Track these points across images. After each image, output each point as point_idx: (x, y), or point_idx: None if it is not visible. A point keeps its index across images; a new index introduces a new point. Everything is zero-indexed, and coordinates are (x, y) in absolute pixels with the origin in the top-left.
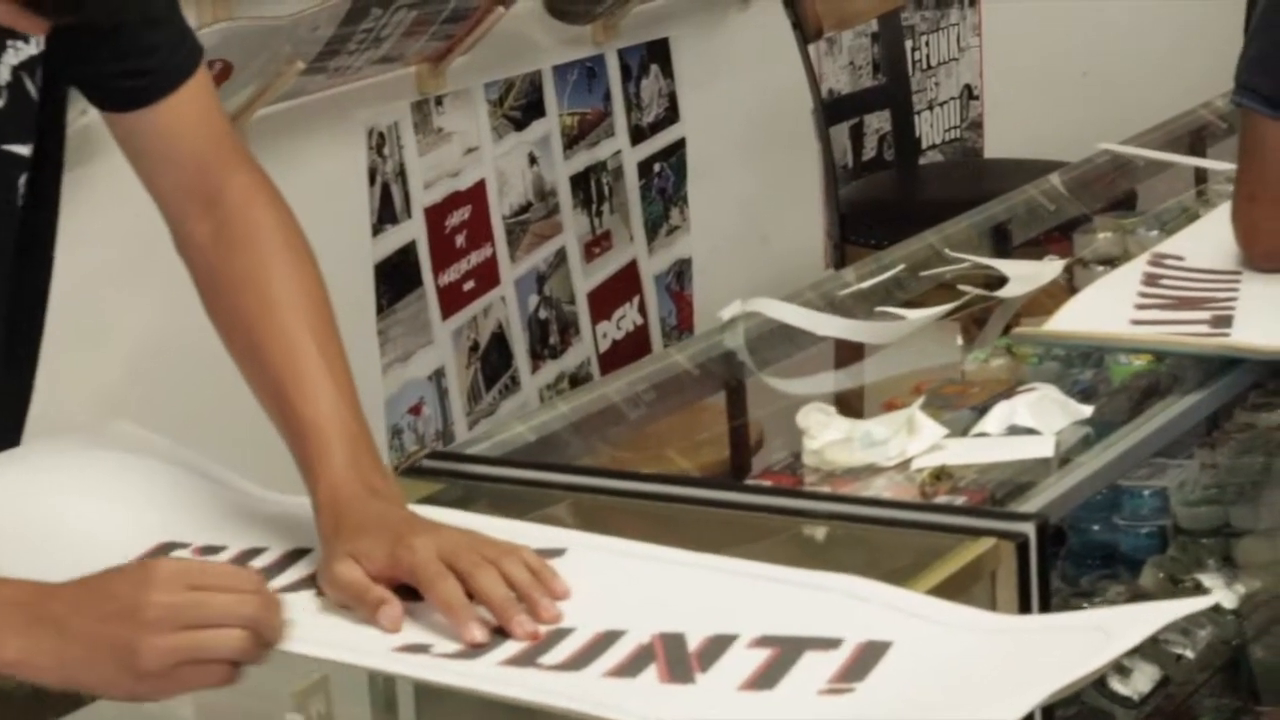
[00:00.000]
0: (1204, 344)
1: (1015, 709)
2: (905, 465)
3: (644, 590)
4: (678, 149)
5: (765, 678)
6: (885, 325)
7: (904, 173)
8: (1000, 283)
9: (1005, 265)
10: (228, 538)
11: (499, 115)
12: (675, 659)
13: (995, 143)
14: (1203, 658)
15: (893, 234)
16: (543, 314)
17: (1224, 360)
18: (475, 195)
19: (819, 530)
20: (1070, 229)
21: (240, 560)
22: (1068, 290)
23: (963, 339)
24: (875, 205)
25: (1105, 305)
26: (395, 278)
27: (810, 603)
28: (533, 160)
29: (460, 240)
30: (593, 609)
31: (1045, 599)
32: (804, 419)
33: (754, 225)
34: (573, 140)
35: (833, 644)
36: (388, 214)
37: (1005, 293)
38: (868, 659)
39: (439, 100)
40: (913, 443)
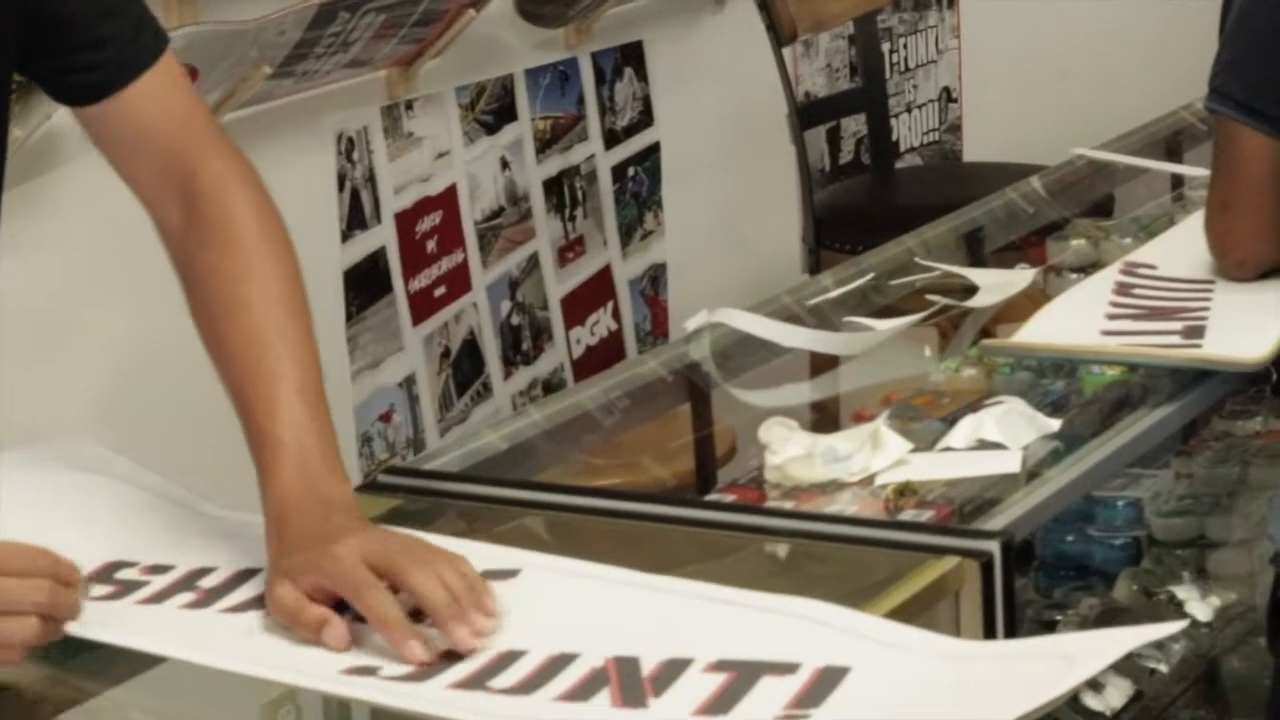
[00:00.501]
0: (1176, 355)
1: None
2: (870, 480)
3: (598, 613)
4: (652, 153)
5: (720, 703)
6: (853, 336)
7: (881, 177)
8: (973, 291)
9: (976, 274)
10: (177, 557)
11: (470, 119)
12: (629, 683)
13: (974, 145)
14: (1177, 671)
15: (869, 239)
16: (515, 320)
17: (1198, 370)
18: (446, 200)
19: (781, 548)
20: (1048, 233)
21: (188, 580)
22: (1044, 297)
23: (934, 349)
24: (851, 210)
25: (1076, 315)
26: (365, 284)
27: (767, 626)
28: (505, 165)
29: (431, 246)
30: (546, 631)
31: (1011, 617)
32: (766, 433)
33: (729, 230)
34: (545, 144)
35: (790, 669)
36: (357, 220)
37: (975, 302)
38: (825, 684)
39: (409, 104)
40: (876, 458)
